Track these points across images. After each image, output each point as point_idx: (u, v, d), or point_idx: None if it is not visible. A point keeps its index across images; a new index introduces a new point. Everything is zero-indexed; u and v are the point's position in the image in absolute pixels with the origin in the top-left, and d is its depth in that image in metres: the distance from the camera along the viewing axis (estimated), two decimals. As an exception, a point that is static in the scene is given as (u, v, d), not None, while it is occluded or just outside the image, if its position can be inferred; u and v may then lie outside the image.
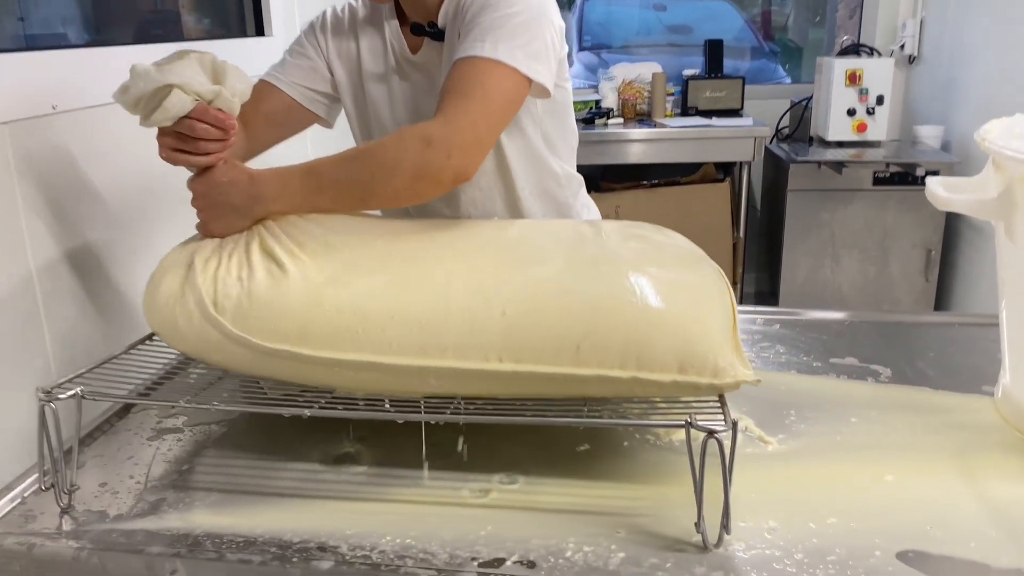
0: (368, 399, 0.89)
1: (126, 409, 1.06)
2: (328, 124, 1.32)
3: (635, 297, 0.85)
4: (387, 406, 0.88)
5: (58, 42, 1.41)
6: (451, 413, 0.85)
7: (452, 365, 0.85)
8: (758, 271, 3.62)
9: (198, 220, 1.03)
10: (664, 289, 0.87)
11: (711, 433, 0.75)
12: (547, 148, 1.23)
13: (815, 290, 3.10)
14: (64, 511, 0.87)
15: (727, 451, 0.76)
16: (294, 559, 0.77)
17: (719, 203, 3.23)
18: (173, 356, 1.06)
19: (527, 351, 0.85)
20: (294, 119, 1.27)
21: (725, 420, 0.78)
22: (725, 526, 0.77)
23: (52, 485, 0.87)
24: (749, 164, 3.17)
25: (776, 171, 3.25)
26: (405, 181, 0.98)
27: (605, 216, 3.23)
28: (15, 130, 1.09)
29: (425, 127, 1.00)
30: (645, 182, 3.34)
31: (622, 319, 0.84)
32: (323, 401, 0.89)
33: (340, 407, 0.88)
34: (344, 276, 0.90)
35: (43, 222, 1.13)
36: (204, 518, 0.85)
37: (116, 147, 1.29)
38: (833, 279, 3.09)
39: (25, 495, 0.89)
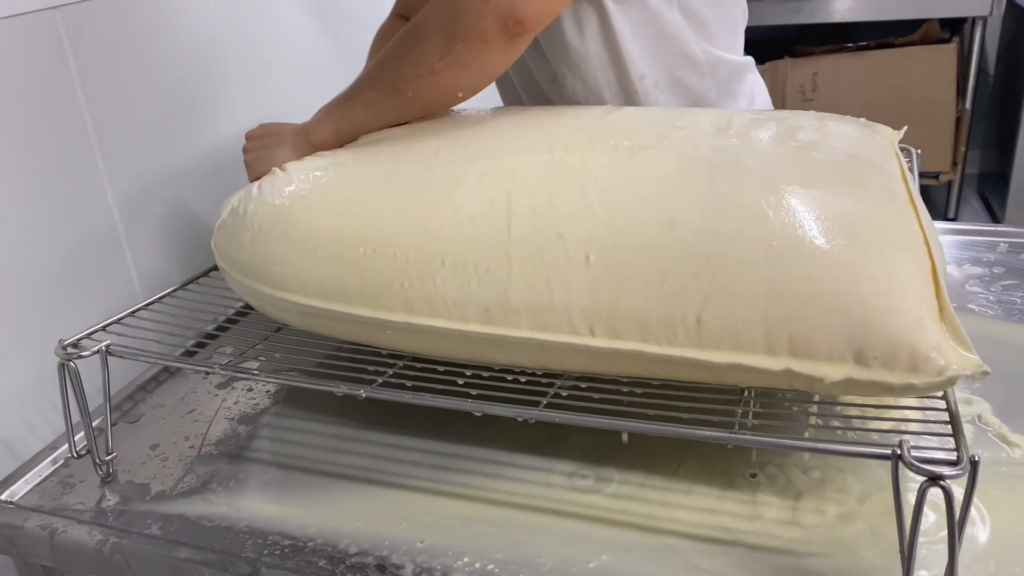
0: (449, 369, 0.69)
1: (197, 346, 0.92)
2: None
3: (778, 238, 0.56)
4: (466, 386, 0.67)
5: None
6: (543, 408, 0.61)
7: (528, 335, 0.61)
8: (984, 149, 3.05)
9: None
10: (823, 224, 0.56)
11: (934, 479, 0.48)
12: (689, 26, 0.90)
13: (1060, 174, 2.56)
14: (104, 480, 0.74)
15: (957, 501, 0.49)
16: (339, 585, 0.60)
17: (942, 69, 2.69)
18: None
19: (626, 321, 0.58)
20: None
21: (958, 453, 0.50)
22: (946, 609, 0.52)
23: (88, 452, 0.74)
24: (985, 20, 2.59)
25: (1018, 27, 2.65)
26: (437, 47, 0.74)
27: (800, 86, 2.84)
28: (69, 14, 0.92)
29: None
30: (850, 44, 2.84)
31: (760, 275, 0.55)
32: (390, 373, 0.69)
33: (409, 383, 0.67)
34: (373, 195, 0.70)
35: (111, 121, 0.98)
36: (253, 505, 0.69)
37: (194, 26, 1.11)
38: (1085, 162, 2.53)
39: (67, 457, 0.77)
